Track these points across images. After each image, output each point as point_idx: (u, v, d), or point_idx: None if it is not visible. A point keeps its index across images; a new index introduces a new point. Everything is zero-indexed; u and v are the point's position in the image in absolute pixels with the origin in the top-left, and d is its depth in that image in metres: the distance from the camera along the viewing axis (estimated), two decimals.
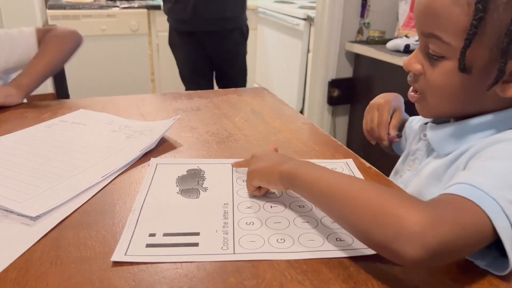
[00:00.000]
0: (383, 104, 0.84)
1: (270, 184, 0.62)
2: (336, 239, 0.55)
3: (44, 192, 0.64)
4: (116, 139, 0.85)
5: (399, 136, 0.84)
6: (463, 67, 0.57)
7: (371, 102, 0.87)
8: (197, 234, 0.56)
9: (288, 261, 0.51)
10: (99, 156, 0.77)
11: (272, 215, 0.61)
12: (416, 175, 0.71)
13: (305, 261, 0.51)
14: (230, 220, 0.59)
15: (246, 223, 0.59)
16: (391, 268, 0.50)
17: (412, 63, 0.65)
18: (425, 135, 0.70)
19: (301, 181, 0.56)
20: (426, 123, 0.71)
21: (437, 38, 0.59)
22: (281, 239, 0.55)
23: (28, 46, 1.14)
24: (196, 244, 0.54)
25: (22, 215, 0.58)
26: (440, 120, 0.70)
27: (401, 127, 0.87)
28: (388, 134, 0.82)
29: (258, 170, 0.63)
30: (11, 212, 0.60)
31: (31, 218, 0.58)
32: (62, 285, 0.47)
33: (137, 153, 0.77)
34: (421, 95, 0.66)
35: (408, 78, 0.67)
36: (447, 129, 0.65)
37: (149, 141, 0.80)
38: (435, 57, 0.60)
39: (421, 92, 0.66)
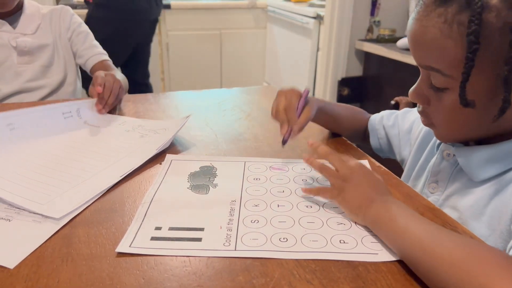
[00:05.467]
0: (291, 90, 0.78)
1: (351, 216, 0.59)
2: (340, 241, 0.55)
3: (65, 193, 0.64)
4: (131, 139, 0.85)
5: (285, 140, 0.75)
6: (466, 102, 0.55)
7: (279, 90, 0.80)
8: (202, 229, 0.57)
9: (297, 260, 0.51)
10: (114, 155, 0.78)
11: (278, 214, 0.61)
12: (447, 202, 0.66)
13: (314, 260, 0.51)
14: (235, 217, 0.60)
15: (251, 221, 0.59)
16: (400, 268, 0.50)
17: (418, 95, 0.62)
18: (449, 155, 0.66)
19: (385, 230, 0.53)
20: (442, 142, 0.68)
21: (437, 71, 0.57)
22: (283, 238, 0.55)
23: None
24: (199, 239, 0.55)
25: (47, 217, 0.59)
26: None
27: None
28: (289, 132, 0.74)
29: (344, 199, 0.59)
30: (24, 209, 0.60)
31: (54, 219, 0.58)
32: (72, 282, 0.48)
33: (153, 151, 0.77)
34: (432, 123, 0.64)
35: (417, 109, 0.65)
36: (481, 154, 0.60)
37: (164, 140, 0.81)
38: (439, 89, 0.58)
39: (431, 121, 0.63)
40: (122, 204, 0.63)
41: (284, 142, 0.75)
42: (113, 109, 1.02)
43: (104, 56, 1.32)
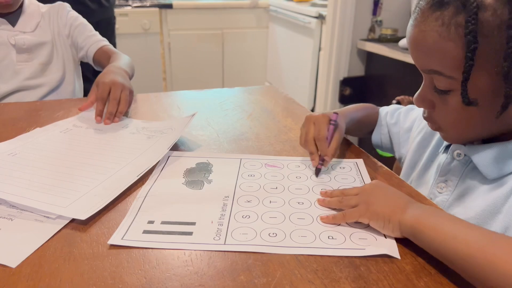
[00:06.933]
0: (321, 117, 0.75)
1: (384, 229, 0.55)
2: (328, 237, 0.55)
3: (85, 195, 0.64)
4: (139, 141, 0.85)
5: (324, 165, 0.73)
6: (468, 101, 0.55)
7: (307, 115, 0.78)
8: (193, 224, 0.58)
9: (298, 259, 0.51)
10: (127, 157, 0.77)
11: (270, 209, 0.62)
12: (458, 201, 0.65)
13: (315, 260, 0.51)
14: (227, 212, 0.61)
15: (242, 216, 0.60)
16: (402, 268, 0.50)
17: (422, 100, 0.63)
18: (459, 155, 0.66)
19: (429, 237, 0.50)
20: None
21: (439, 74, 0.57)
22: (273, 234, 0.56)
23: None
24: (190, 233, 0.56)
25: (73, 219, 0.58)
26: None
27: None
28: (322, 160, 0.72)
29: (374, 212, 0.56)
30: (25, 210, 0.60)
31: (81, 221, 0.58)
32: (74, 281, 0.48)
33: (165, 150, 0.77)
34: (440, 127, 0.64)
35: (423, 115, 0.66)
36: (493, 152, 0.60)
37: (174, 138, 0.81)
38: (443, 91, 0.59)
39: (438, 125, 0.64)
40: (124, 204, 0.63)
41: (317, 173, 0.72)
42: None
43: (103, 42, 1.31)
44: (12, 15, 1.22)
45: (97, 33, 1.34)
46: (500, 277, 0.43)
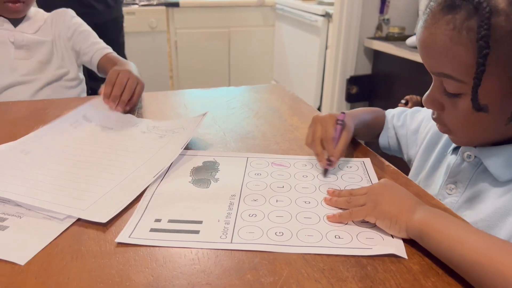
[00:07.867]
0: (328, 118, 0.75)
1: (390, 230, 0.55)
2: (335, 236, 0.55)
3: (103, 197, 0.64)
4: (150, 140, 0.84)
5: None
6: (478, 107, 0.54)
7: (314, 116, 0.78)
8: (200, 222, 0.58)
9: (305, 258, 0.51)
10: (141, 157, 0.77)
11: (276, 209, 0.62)
12: (467, 203, 0.65)
13: (322, 259, 0.51)
14: (234, 211, 0.61)
15: (249, 215, 0.60)
16: (409, 268, 0.50)
17: (431, 101, 0.62)
18: (469, 156, 0.65)
19: (436, 240, 0.49)
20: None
21: (449, 77, 0.56)
22: (279, 233, 0.56)
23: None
24: (197, 232, 0.56)
25: (93, 222, 0.58)
26: None
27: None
28: (330, 161, 0.71)
29: (382, 211, 0.55)
30: (67, 216, 0.59)
31: (102, 224, 0.58)
32: (82, 279, 0.48)
33: (178, 150, 0.77)
34: (449, 129, 0.63)
35: (432, 115, 0.65)
36: (505, 154, 0.60)
37: (186, 137, 0.80)
38: (453, 94, 0.58)
39: (448, 128, 0.63)
40: (132, 202, 0.63)
41: (325, 173, 0.72)
42: (131, 109, 1.00)
43: (108, 49, 1.32)
44: (16, 19, 1.24)
45: (101, 41, 1.35)
46: (507, 286, 0.42)
